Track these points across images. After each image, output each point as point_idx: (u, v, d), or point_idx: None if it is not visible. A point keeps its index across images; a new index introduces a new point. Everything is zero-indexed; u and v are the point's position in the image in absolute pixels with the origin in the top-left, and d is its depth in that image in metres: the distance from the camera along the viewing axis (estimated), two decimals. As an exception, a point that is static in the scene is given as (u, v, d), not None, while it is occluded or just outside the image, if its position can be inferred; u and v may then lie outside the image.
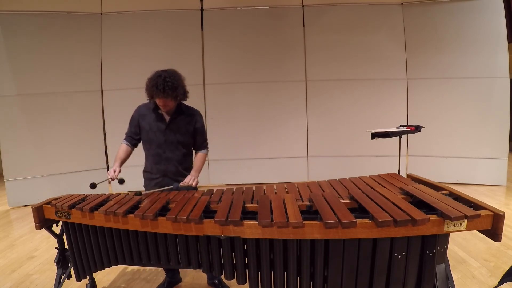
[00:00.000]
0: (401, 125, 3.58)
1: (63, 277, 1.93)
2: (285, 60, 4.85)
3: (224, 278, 1.54)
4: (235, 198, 1.66)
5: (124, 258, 1.69)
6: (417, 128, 3.32)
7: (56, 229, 1.91)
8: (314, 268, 1.39)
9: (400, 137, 3.36)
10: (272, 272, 1.45)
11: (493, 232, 1.27)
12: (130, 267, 2.56)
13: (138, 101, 2.15)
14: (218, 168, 4.97)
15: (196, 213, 1.48)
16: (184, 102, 2.11)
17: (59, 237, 1.92)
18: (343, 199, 1.56)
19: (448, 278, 1.41)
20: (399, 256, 1.32)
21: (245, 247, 1.47)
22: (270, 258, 1.43)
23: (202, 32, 4.82)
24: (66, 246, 1.89)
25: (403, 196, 1.55)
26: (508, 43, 4.46)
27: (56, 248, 1.93)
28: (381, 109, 4.80)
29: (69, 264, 1.92)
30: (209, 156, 4.86)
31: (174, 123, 2.05)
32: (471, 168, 4.67)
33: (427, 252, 1.32)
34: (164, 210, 1.59)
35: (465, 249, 2.70)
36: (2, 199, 4.64)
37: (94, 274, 2.05)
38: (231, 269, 1.51)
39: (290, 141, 4.98)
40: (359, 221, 1.29)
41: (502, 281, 1.37)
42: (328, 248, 1.35)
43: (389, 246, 1.31)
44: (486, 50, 4.45)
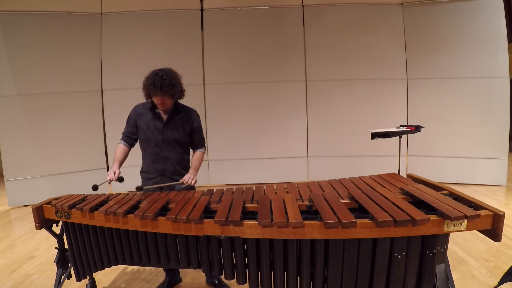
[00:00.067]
0: (401, 125, 3.58)
1: (63, 277, 1.94)
2: (285, 60, 4.85)
3: (224, 278, 1.54)
4: (235, 198, 1.66)
5: (124, 258, 1.69)
6: (417, 128, 3.32)
7: (56, 229, 1.91)
8: (314, 268, 1.39)
9: (400, 137, 3.37)
10: (272, 272, 1.45)
11: (493, 232, 1.27)
12: (130, 267, 2.56)
13: (138, 101, 2.15)
14: (218, 168, 4.97)
15: (196, 213, 1.48)
16: (183, 102, 2.12)
17: (59, 237, 1.92)
18: (343, 199, 1.56)
19: (448, 278, 1.41)
20: (399, 256, 1.32)
21: (245, 247, 1.47)
22: (270, 258, 1.43)
23: (202, 32, 4.82)
24: (66, 246, 1.89)
25: (403, 196, 1.55)
26: (508, 43, 4.46)
27: (56, 248, 1.93)
28: (381, 109, 4.80)
29: (69, 264, 1.93)
30: (209, 156, 4.88)
31: (171, 122, 2.05)
32: (471, 168, 4.67)
33: (427, 252, 1.32)
34: (164, 210, 1.59)
35: (465, 249, 2.70)
36: (2, 199, 4.64)
37: (94, 274, 2.05)
38: (231, 269, 1.51)
39: (290, 141, 4.98)
40: (359, 221, 1.29)
41: (502, 281, 1.37)
42: (328, 248, 1.35)
43: (389, 246, 1.31)
44: (486, 50, 4.46)
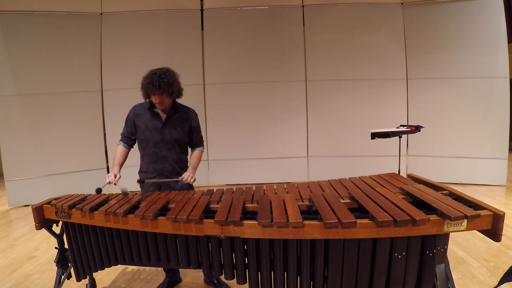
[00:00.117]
0: (401, 125, 3.58)
1: (63, 277, 1.93)
2: (285, 60, 4.84)
3: (224, 278, 1.54)
4: (235, 198, 1.66)
5: (124, 258, 1.69)
6: (417, 128, 3.32)
7: (56, 229, 1.91)
8: (314, 268, 1.39)
9: (400, 137, 3.37)
10: (272, 272, 1.45)
11: (493, 232, 1.27)
12: (130, 267, 2.56)
13: (138, 101, 2.15)
14: (218, 168, 4.97)
15: (196, 213, 1.48)
16: (183, 101, 2.12)
17: (59, 237, 1.92)
18: (343, 199, 1.56)
19: (448, 278, 1.41)
20: (399, 256, 1.31)
21: (245, 247, 1.47)
22: (270, 258, 1.43)
23: (202, 32, 4.82)
24: (66, 246, 1.89)
25: (403, 196, 1.55)
26: (508, 43, 4.46)
27: (56, 248, 1.93)
28: (381, 109, 4.80)
29: (69, 264, 1.92)
30: (209, 156, 4.87)
31: (170, 121, 2.06)
32: (471, 168, 4.67)
33: (427, 252, 1.32)
34: (164, 210, 1.59)
35: (465, 249, 2.70)
36: (2, 199, 4.64)
37: (94, 274, 2.05)
38: (231, 269, 1.51)
39: (290, 141, 4.98)
40: (359, 221, 1.29)
41: (502, 281, 1.37)
42: (328, 248, 1.35)
43: (389, 246, 1.31)
44: (486, 50, 4.45)
